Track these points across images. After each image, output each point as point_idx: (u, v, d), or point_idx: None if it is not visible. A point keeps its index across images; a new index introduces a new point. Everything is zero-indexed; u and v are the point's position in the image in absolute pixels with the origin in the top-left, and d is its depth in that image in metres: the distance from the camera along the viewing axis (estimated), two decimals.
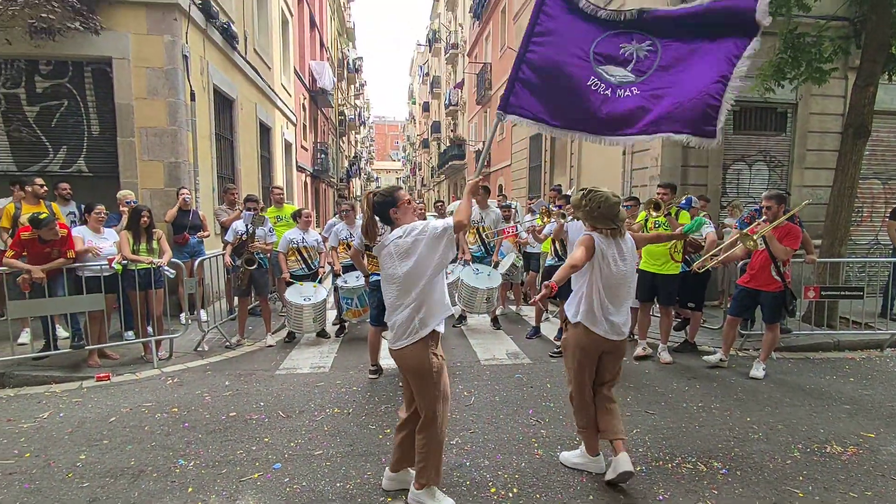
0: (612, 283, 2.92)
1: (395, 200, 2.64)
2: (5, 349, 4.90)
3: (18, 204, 5.49)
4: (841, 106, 8.29)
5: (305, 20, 18.28)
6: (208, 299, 6.76)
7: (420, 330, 2.58)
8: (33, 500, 2.79)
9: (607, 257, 2.90)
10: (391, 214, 2.64)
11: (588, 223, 2.99)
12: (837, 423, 3.84)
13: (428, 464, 2.63)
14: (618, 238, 2.95)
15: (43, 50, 6.47)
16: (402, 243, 2.53)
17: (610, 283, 2.92)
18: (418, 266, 2.51)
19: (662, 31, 2.91)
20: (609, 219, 2.90)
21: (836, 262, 6.33)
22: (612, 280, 2.91)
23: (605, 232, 2.92)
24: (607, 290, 2.92)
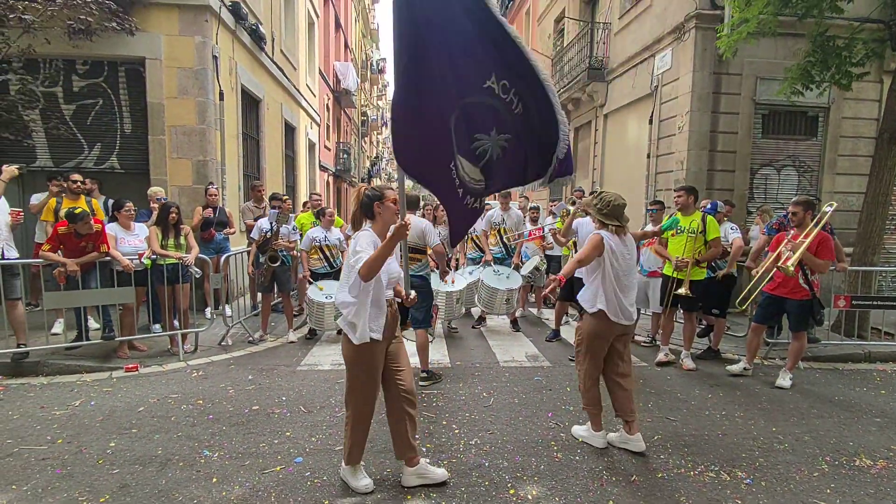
0: (621, 274, 3.31)
1: (382, 197, 2.84)
2: (40, 338, 5.08)
3: (60, 199, 5.68)
4: (875, 110, 8.07)
5: (331, 22, 18.50)
6: (233, 295, 6.90)
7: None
8: (65, 484, 2.89)
9: (616, 252, 3.29)
10: (375, 208, 2.83)
11: (598, 221, 3.39)
12: (867, 435, 3.73)
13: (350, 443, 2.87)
14: (622, 235, 3.34)
15: (80, 50, 6.69)
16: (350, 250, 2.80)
17: (620, 275, 3.30)
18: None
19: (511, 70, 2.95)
20: (616, 217, 3.31)
21: (869, 270, 6.16)
22: (622, 271, 3.31)
23: (612, 229, 3.31)
24: (618, 280, 3.30)
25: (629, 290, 3.39)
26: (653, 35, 8.99)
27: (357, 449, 2.88)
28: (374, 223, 2.84)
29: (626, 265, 3.35)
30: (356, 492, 2.82)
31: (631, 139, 10.29)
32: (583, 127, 12.92)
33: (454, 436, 3.57)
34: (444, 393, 4.41)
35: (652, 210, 5.98)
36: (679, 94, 8.17)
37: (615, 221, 3.31)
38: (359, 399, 2.84)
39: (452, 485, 2.93)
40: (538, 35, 16.69)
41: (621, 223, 3.33)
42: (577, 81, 11.76)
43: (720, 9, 7.50)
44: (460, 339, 6.32)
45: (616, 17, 10.67)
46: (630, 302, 3.38)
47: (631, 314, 3.38)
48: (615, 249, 3.28)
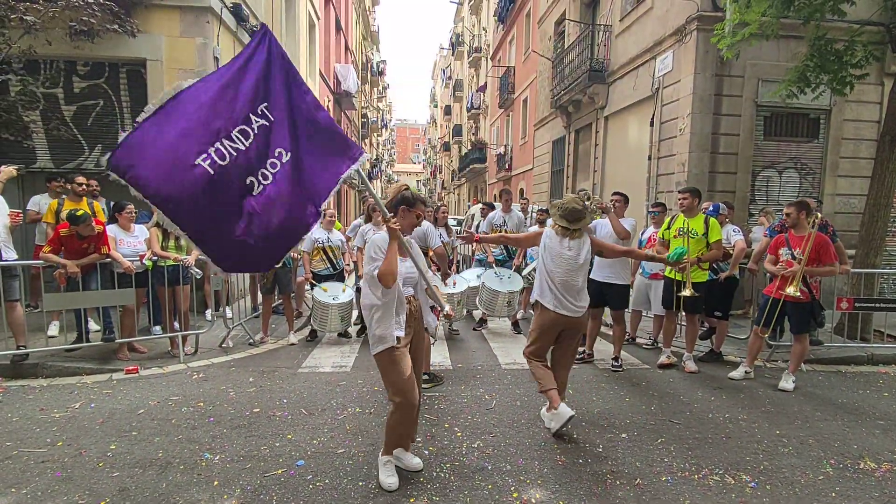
0: (555, 270, 3.59)
1: (413, 203, 2.97)
2: (39, 340, 5.06)
3: (61, 200, 5.66)
4: (877, 113, 8.08)
5: (331, 24, 18.52)
6: (233, 297, 6.88)
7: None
8: (65, 487, 2.87)
9: (548, 248, 3.63)
10: (399, 210, 2.96)
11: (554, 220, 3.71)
12: (871, 438, 3.71)
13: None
14: (568, 237, 3.60)
15: (81, 51, 6.68)
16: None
17: (553, 271, 3.60)
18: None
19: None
20: (565, 218, 3.59)
21: (871, 272, 6.14)
22: (555, 268, 3.59)
23: (556, 228, 3.63)
24: (551, 275, 3.61)
25: (570, 287, 3.60)
26: (654, 37, 8.99)
27: (410, 434, 3.04)
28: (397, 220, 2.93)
29: (563, 263, 3.59)
30: (382, 487, 2.87)
31: (632, 141, 10.28)
32: (583, 129, 12.92)
33: (456, 439, 3.55)
34: (446, 395, 4.39)
35: (654, 212, 5.97)
36: (680, 97, 8.17)
37: (562, 222, 3.60)
38: (407, 386, 2.83)
39: (455, 488, 2.91)
40: (539, 37, 16.71)
41: (567, 226, 3.58)
42: (578, 83, 11.76)
43: (721, 11, 7.49)
44: (461, 342, 6.30)
45: (617, 19, 10.68)
46: (568, 290, 3.59)
47: (571, 305, 3.58)
48: (548, 245, 3.63)
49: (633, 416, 4.00)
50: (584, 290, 3.70)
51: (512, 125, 22.68)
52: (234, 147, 2.44)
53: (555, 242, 3.64)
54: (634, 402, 4.33)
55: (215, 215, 2.42)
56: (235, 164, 2.44)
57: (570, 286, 3.60)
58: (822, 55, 5.99)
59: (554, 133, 15.14)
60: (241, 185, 2.47)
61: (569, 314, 3.60)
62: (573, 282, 3.60)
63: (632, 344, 6.17)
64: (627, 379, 4.92)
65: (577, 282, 3.62)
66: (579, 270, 3.63)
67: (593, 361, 5.41)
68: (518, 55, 21.11)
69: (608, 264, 5.11)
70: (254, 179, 2.51)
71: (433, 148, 62.81)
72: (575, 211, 3.59)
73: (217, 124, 2.41)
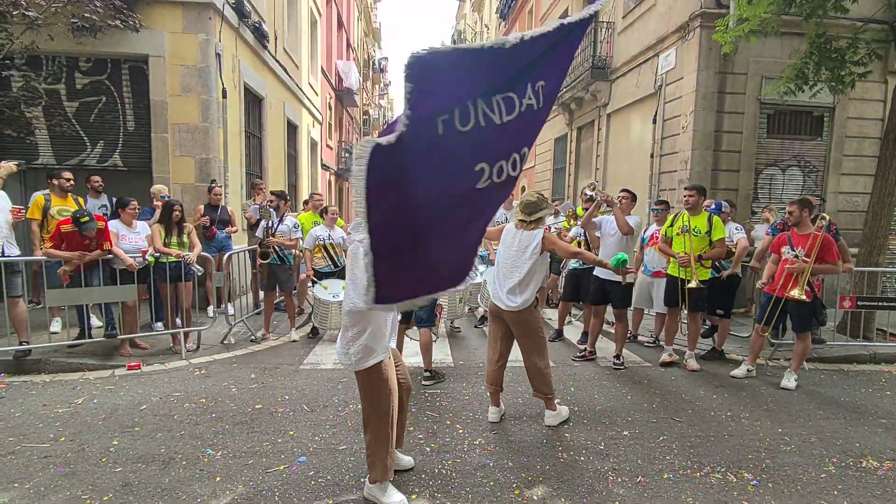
0: (502, 261, 3.71)
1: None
2: (42, 336, 5.07)
3: (48, 196, 5.64)
4: (880, 110, 8.04)
5: (333, 20, 18.48)
6: (235, 293, 6.89)
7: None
8: (68, 483, 2.87)
9: (503, 241, 3.75)
10: None
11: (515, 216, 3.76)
12: (874, 437, 3.71)
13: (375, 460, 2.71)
14: (522, 230, 3.65)
15: (83, 47, 6.68)
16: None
17: (500, 261, 3.73)
18: None
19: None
20: (521, 211, 3.67)
21: (874, 271, 6.12)
22: (502, 258, 3.71)
23: (515, 222, 3.72)
24: (498, 265, 3.73)
25: (504, 278, 3.67)
26: (657, 34, 8.95)
27: (388, 463, 2.71)
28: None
29: (508, 254, 3.68)
30: None
31: (634, 139, 10.25)
32: (586, 126, 12.88)
33: (458, 436, 3.55)
34: (448, 392, 4.39)
35: (657, 210, 5.95)
36: (683, 94, 8.14)
37: (520, 216, 3.68)
38: (384, 411, 2.66)
39: (457, 485, 2.91)
40: None
41: (524, 218, 3.65)
42: (581, 80, 11.72)
43: (725, 7, 7.46)
44: (463, 339, 6.30)
45: (620, 16, 10.64)
46: (501, 285, 3.66)
47: (502, 298, 3.65)
48: (504, 238, 3.76)
49: (635, 414, 4.00)
50: (522, 290, 3.57)
51: None
52: (486, 115, 1.73)
53: (509, 235, 3.75)
54: (636, 399, 4.32)
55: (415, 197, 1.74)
56: (475, 136, 1.73)
57: (506, 278, 3.65)
58: (822, 52, 5.96)
59: (556, 130, 15.10)
60: (468, 168, 1.79)
61: (500, 306, 3.68)
62: (510, 275, 3.63)
63: (634, 342, 6.16)
64: (629, 377, 4.92)
65: (513, 276, 3.61)
66: (520, 264, 3.60)
67: (595, 359, 5.40)
68: None
69: None
70: (486, 167, 1.82)
71: None
72: (530, 204, 3.67)
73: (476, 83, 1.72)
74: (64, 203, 5.59)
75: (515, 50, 1.75)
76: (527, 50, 1.79)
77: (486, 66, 1.72)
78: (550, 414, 3.75)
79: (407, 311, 4.69)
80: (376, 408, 2.66)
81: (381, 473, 2.69)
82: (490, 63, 1.72)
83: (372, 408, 2.68)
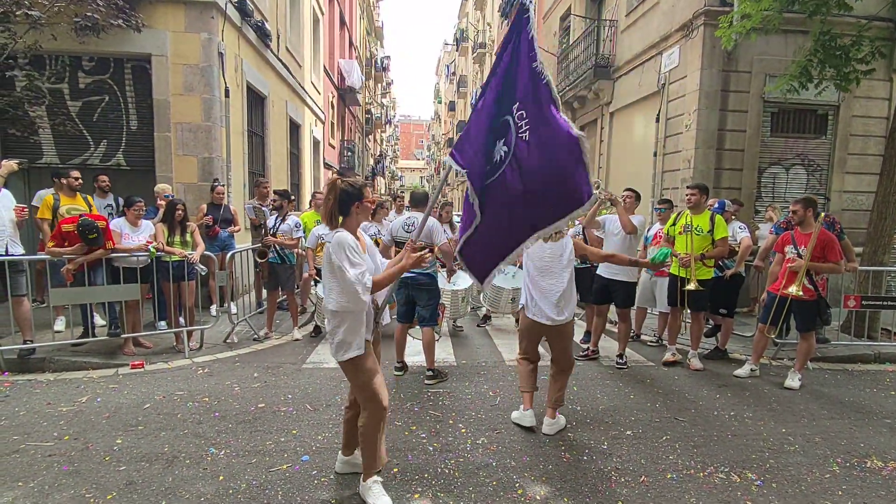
0: (536, 273, 3.58)
1: (362, 196, 2.62)
2: (46, 335, 5.08)
3: (57, 195, 5.66)
4: (885, 108, 8.01)
5: (336, 19, 18.48)
6: (238, 292, 6.90)
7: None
8: (72, 481, 2.88)
9: (531, 255, 3.59)
10: (352, 208, 2.60)
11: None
12: (878, 437, 3.69)
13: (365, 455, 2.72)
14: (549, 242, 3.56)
15: (86, 46, 6.69)
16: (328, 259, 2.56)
17: (534, 273, 3.59)
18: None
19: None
20: None
21: (879, 270, 6.10)
22: (536, 270, 3.58)
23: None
24: (533, 280, 3.59)
25: (546, 291, 3.54)
26: (660, 32, 8.92)
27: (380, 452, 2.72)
28: (347, 221, 2.62)
29: (542, 264, 3.58)
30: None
31: (637, 137, 10.23)
32: (588, 125, 12.85)
33: (461, 435, 3.55)
34: (450, 392, 4.39)
35: (660, 209, 5.94)
36: (686, 92, 8.11)
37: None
38: (374, 395, 2.65)
39: (460, 484, 2.91)
40: (543, 33, 16.62)
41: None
42: (583, 79, 11.69)
43: (729, 6, 7.42)
44: (466, 338, 6.30)
45: (623, 14, 10.60)
46: (547, 303, 3.52)
47: (547, 314, 3.51)
48: (530, 252, 3.58)
49: (638, 414, 3.99)
50: (566, 299, 3.54)
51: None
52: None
53: (536, 247, 3.58)
54: (639, 399, 4.31)
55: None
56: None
57: (548, 291, 3.52)
58: (827, 50, 5.93)
59: None
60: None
61: (543, 321, 3.53)
62: (553, 287, 3.52)
63: (637, 341, 6.16)
64: (632, 376, 4.91)
65: (556, 288, 3.51)
66: (558, 272, 3.53)
67: (598, 358, 5.39)
68: None
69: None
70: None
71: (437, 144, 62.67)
72: None
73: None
74: (73, 202, 5.60)
75: (484, 105, 2.82)
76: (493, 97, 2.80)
77: (484, 123, 2.82)
78: (550, 422, 3.62)
79: (409, 311, 4.70)
80: (366, 392, 2.66)
81: (373, 462, 2.70)
82: (477, 119, 2.83)
83: (363, 394, 2.67)
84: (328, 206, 2.59)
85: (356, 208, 2.61)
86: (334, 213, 2.59)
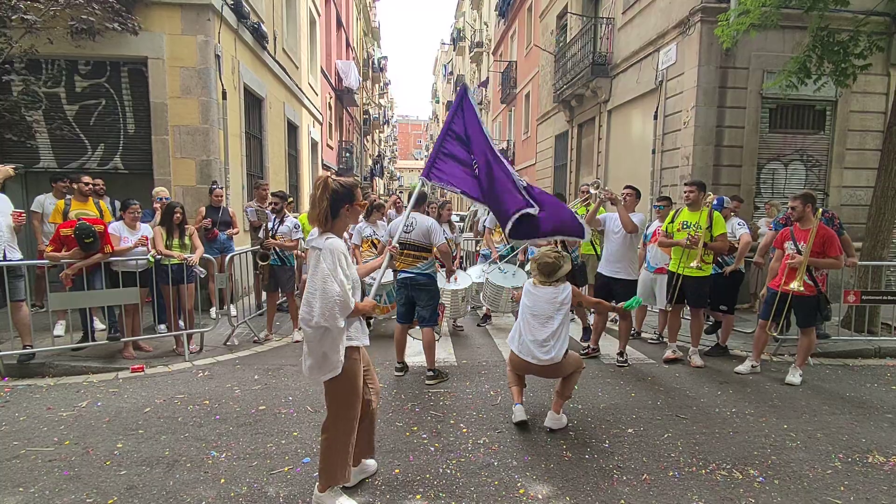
0: (529, 314, 3.66)
1: (353, 198, 2.51)
2: (45, 340, 5.07)
3: (68, 201, 5.66)
4: (883, 103, 8.01)
5: (332, 20, 18.46)
6: (237, 295, 6.89)
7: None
8: (73, 486, 2.87)
9: (527, 295, 3.72)
10: (342, 210, 2.48)
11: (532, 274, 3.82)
12: (879, 432, 3.69)
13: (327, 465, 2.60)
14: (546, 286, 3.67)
15: (82, 50, 6.68)
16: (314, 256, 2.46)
17: (527, 314, 3.67)
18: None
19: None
20: (540, 273, 3.69)
21: (878, 265, 6.10)
22: (531, 310, 3.66)
23: (535, 281, 3.75)
24: (525, 321, 3.66)
25: (534, 330, 3.62)
26: (657, 30, 8.92)
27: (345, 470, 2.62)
28: (335, 224, 2.49)
29: (535, 305, 3.66)
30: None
31: (636, 135, 10.23)
32: (586, 123, 12.85)
33: (462, 435, 3.54)
34: (451, 392, 4.39)
35: (658, 206, 5.93)
36: (684, 89, 8.11)
37: (540, 277, 3.70)
38: (348, 415, 2.59)
39: (462, 484, 2.90)
40: (540, 31, 16.62)
41: (545, 280, 3.68)
42: (581, 77, 11.69)
43: (726, 2, 7.43)
44: (466, 338, 6.30)
45: (619, 11, 10.60)
46: (535, 343, 3.58)
47: (534, 354, 3.56)
48: (528, 291, 3.75)
49: (639, 412, 3.98)
50: (556, 339, 3.57)
51: (514, 120, 22.60)
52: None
53: (534, 290, 3.71)
54: (640, 397, 4.31)
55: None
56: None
57: (540, 328, 3.59)
58: (825, 45, 5.93)
59: (557, 128, 15.07)
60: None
61: (528, 360, 3.59)
62: (544, 325, 3.59)
63: (637, 339, 6.15)
64: (633, 374, 4.91)
65: (547, 327, 3.57)
66: (552, 314, 3.59)
67: (598, 356, 5.39)
68: (520, 50, 21.01)
69: (617, 259, 5.09)
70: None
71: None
72: (548, 265, 3.65)
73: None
74: (84, 207, 5.60)
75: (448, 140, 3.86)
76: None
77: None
78: (555, 417, 3.64)
79: (409, 312, 4.69)
80: (343, 417, 2.58)
81: (332, 479, 2.58)
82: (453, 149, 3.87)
83: (338, 405, 2.58)
84: (322, 208, 2.43)
85: (346, 210, 2.49)
86: (328, 215, 2.45)
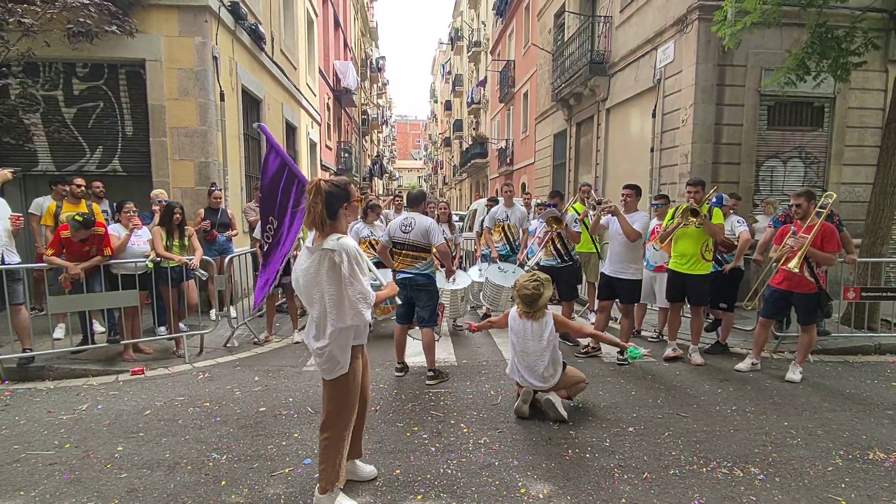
0: (518, 348, 3.84)
1: (349, 196, 2.49)
2: (45, 343, 5.07)
3: (60, 203, 5.65)
4: (881, 100, 8.01)
5: (330, 21, 18.45)
6: (237, 296, 6.89)
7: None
8: (73, 490, 2.87)
9: (514, 329, 3.87)
10: (340, 210, 2.46)
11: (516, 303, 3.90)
12: (880, 428, 3.69)
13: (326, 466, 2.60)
14: (531, 320, 3.79)
15: (80, 53, 6.67)
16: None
17: (517, 348, 3.85)
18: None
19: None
20: (522, 302, 3.78)
21: (878, 261, 6.10)
22: (520, 346, 3.83)
23: (519, 311, 3.85)
24: (518, 353, 3.86)
25: (530, 367, 3.80)
26: (655, 28, 8.92)
27: (340, 470, 2.62)
28: (336, 226, 2.46)
29: (524, 344, 3.80)
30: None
31: (634, 133, 10.23)
32: (585, 122, 12.85)
33: (462, 435, 3.54)
34: (452, 392, 4.39)
35: (656, 205, 5.93)
36: (682, 87, 8.11)
37: (522, 307, 3.79)
38: (349, 414, 2.62)
39: (463, 484, 2.90)
40: (538, 30, 16.62)
41: (526, 309, 3.77)
42: (579, 76, 11.69)
43: None
44: (466, 338, 6.29)
45: (617, 10, 10.60)
46: (532, 374, 3.79)
47: (534, 383, 3.80)
48: (514, 327, 3.87)
49: (640, 410, 3.98)
50: (554, 370, 3.82)
51: (513, 119, 22.59)
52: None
53: (519, 326, 3.84)
54: (641, 395, 4.31)
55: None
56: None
57: (534, 369, 3.79)
58: (823, 41, 5.93)
59: (555, 126, 15.07)
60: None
61: (535, 384, 3.82)
62: (537, 365, 3.78)
63: (637, 337, 6.15)
64: (633, 372, 4.91)
65: (540, 363, 3.77)
66: (540, 351, 3.77)
67: (599, 355, 5.39)
68: (518, 49, 21.01)
69: (619, 259, 5.08)
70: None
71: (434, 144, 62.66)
72: (528, 295, 3.73)
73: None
74: (77, 209, 5.58)
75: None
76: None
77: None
78: (560, 401, 3.79)
79: (408, 312, 4.69)
80: (342, 418, 2.60)
81: (332, 480, 2.58)
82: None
83: (338, 404, 2.59)
84: (317, 213, 2.39)
85: (344, 209, 2.48)
86: (324, 219, 2.41)
